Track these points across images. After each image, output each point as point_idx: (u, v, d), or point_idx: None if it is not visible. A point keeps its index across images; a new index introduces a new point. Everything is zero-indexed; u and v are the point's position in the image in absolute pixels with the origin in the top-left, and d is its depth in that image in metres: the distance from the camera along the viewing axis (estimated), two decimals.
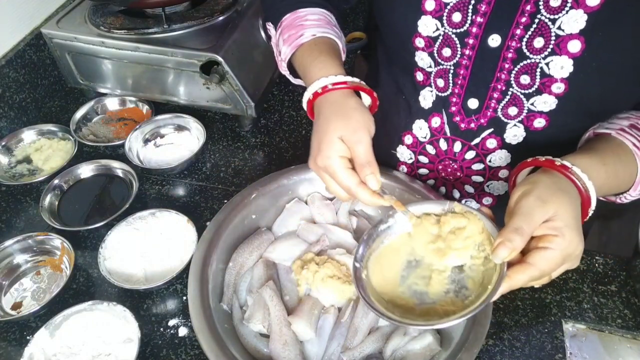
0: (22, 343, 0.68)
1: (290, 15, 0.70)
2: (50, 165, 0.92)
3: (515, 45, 0.58)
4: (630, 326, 0.68)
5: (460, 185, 0.75)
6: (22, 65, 0.98)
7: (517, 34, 0.57)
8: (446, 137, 0.71)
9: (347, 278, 0.65)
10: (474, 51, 0.61)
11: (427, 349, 0.60)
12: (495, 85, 0.62)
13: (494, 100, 0.63)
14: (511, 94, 0.61)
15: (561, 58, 0.55)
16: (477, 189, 0.74)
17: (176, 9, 1.00)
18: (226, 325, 0.62)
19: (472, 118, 0.66)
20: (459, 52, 0.62)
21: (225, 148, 0.98)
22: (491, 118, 0.65)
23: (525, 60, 0.58)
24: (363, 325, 0.61)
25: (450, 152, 0.72)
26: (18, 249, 0.77)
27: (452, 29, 0.60)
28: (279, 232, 0.75)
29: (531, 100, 0.60)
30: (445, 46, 0.62)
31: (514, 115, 0.63)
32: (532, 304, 0.71)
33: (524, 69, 0.58)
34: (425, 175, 0.78)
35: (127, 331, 0.67)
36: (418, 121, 0.73)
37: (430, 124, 0.71)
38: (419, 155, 0.76)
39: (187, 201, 0.88)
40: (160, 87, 0.99)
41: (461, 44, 0.61)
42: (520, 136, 0.65)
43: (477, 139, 0.68)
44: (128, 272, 0.75)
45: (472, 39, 0.60)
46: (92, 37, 0.95)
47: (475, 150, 0.69)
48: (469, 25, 0.59)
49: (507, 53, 0.58)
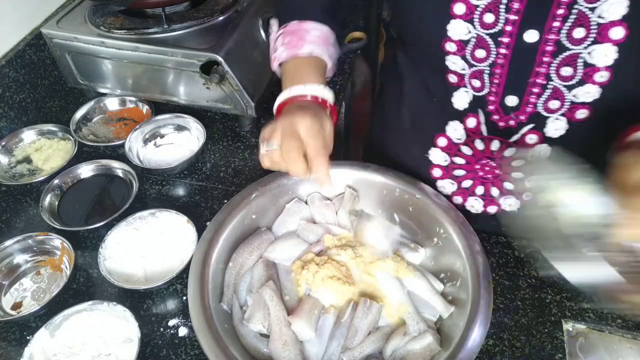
0: (22, 343, 0.68)
1: (297, 24, 0.72)
2: (50, 165, 0.92)
3: (554, 38, 0.56)
4: (630, 326, 0.68)
5: (499, 183, 0.74)
6: (22, 65, 0.98)
7: (555, 26, 0.56)
8: (482, 136, 0.70)
9: (347, 279, 0.65)
10: (510, 49, 0.59)
11: (427, 349, 0.60)
12: (535, 80, 0.60)
13: (534, 96, 0.62)
14: (552, 88, 0.60)
15: (604, 46, 0.54)
16: (517, 185, 0.73)
17: (176, 9, 1.00)
18: (226, 325, 0.62)
19: (511, 115, 0.65)
20: (493, 52, 0.60)
21: (225, 148, 0.98)
22: (531, 114, 0.64)
23: (565, 52, 0.57)
24: (363, 325, 0.61)
25: (488, 151, 0.71)
26: (18, 249, 0.77)
27: (484, 30, 0.59)
28: (279, 232, 0.75)
29: (573, 91, 0.59)
30: (479, 48, 0.61)
31: (555, 108, 0.62)
32: (532, 304, 0.71)
33: (565, 60, 0.57)
34: (462, 176, 0.77)
35: (127, 331, 0.67)
36: (452, 123, 0.72)
37: (466, 125, 0.70)
38: (454, 157, 0.75)
39: (187, 201, 0.88)
40: (160, 87, 0.99)
41: (495, 43, 0.59)
42: (562, 129, 0.64)
43: (516, 136, 0.67)
44: (128, 272, 0.75)
45: (506, 37, 0.58)
46: (92, 37, 0.95)
47: (515, 147, 0.69)
48: (503, 24, 0.58)
49: (546, 47, 0.57)
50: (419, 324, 0.62)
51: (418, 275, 0.67)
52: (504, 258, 0.76)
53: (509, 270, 0.75)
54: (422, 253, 0.72)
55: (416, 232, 0.74)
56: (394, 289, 0.65)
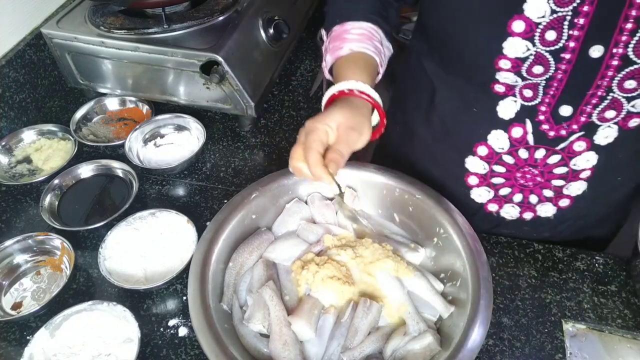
0: (22, 343, 0.68)
1: (339, 27, 0.72)
2: (50, 165, 0.92)
3: (620, 52, 0.54)
4: (630, 326, 0.68)
5: (539, 190, 0.73)
6: (22, 65, 0.98)
7: (622, 40, 0.54)
8: (528, 146, 0.68)
9: (347, 279, 0.65)
10: (571, 65, 0.57)
11: (427, 349, 0.60)
12: (595, 92, 0.59)
13: (590, 106, 0.61)
14: (611, 98, 0.59)
15: None
16: (556, 192, 0.73)
17: (176, 9, 1.00)
18: (226, 325, 0.62)
19: (563, 125, 0.64)
20: (552, 68, 0.58)
21: (225, 148, 0.98)
22: (585, 123, 0.63)
23: (631, 66, 0.55)
24: (363, 325, 0.61)
25: (531, 159, 0.69)
26: (18, 249, 0.77)
27: (545, 48, 0.57)
28: (279, 232, 0.75)
29: (632, 102, 0.59)
30: (537, 65, 0.59)
31: (610, 118, 0.61)
32: (532, 304, 0.71)
33: (630, 74, 0.56)
34: (500, 184, 0.75)
35: (127, 331, 0.67)
36: (495, 132, 0.69)
37: (511, 134, 0.68)
38: (494, 165, 0.73)
39: (187, 201, 0.88)
40: (160, 87, 0.99)
41: (555, 60, 0.58)
42: (612, 137, 0.64)
43: (564, 144, 0.66)
44: (128, 272, 0.75)
45: (569, 53, 0.56)
46: (92, 37, 0.95)
47: (560, 155, 0.67)
48: (566, 40, 0.56)
49: (612, 61, 0.55)
50: (419, 324, 0.62)
51: (418, 275, 0.67)
52: (504, 258, 0.76)
53: (509, 270, 0.75)
54: (422, 253, 0.72)
55: (416, 232, 0.74)
56: (394, 289, 0.65)
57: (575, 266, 0.75)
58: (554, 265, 0.75)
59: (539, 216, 0.77)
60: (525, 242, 0.78)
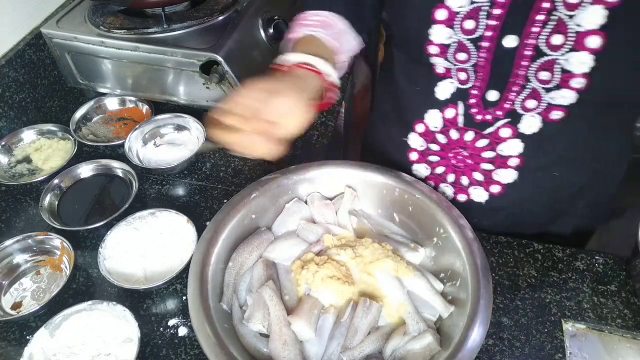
0: (22, 343, 0.68)
1: (299, 17, 0.75)
2: (50, 165, 0.92)
3: (532, 43, 0.57)
4: (630, 326, 0.68)
5: (469, 172, 0.76)
6: (22, 65, 0.98)
7: (534, 32, 0.57)
8: (458, 127, 0.72)
9: (347, 279, 0.65)
10: (491, 53, 0.61)
11: (427, 349, 0.60)
12: (515, 80, 0.62)
13: (513, 94, 0.64)
14: (531, 88, 0.62)
15: (581, 54, 0.55)
16: (486, 177, 0.75)
17: (176, 9, 1.00)
18: (226, 325, 0.62)
19: (489, 110, 0.67)
20: (474, 56, 0.62)
21: (225, 148, 0.98)
22: (509, 111, 0.66)
23: (543, 57, 0.58)
24: (363, 325, 0.61)
25: (462, 141, 0.73)
26: (18, 249, 0.77)
27: (465, 36, 0.61)
28: (279, 232, 0.75)
29: (550, 94, 0.61)
30: (460, 52, 0.63)
31: (532, 108, 0.64)
32: (532, 304, 0.71)
33: (544, 65, 0.58)
34: (436, 163, 0.80)
35: (127, 331, 0.67)
36: (431, 111, 0.74)
37: (444, 115, 0.72)
38: (430, 144, 0.78)
39: (187, 201, 0.88)
40: (160, 87, 0.99)
41: (476, 48, 0.61)
42: (536, 127, 0.66)
43: (491, 129, 0.69)
44: (128, 272, 0.75)
45: (487, 42, 0.60)
46: (92, 37, 0.95)
47: (488, 139, 0.70)
48: (483, 30, 0.59)
49: (525, 51, 0.58)
50: (419, 324, 0.62)
51: (418, 275, 0.67)
52: (504, 258, 0.76)
53: (509, 270, 0.75)
54: (422, 253, 0.72)
55: (416, 232, 0.74)
56: (394, 289, 0.65)
57: (575, 266, 0.75)
58: (554, 265, 0.75)
59: (472, 200, 0.80)
60: (525, 242, 0.78)
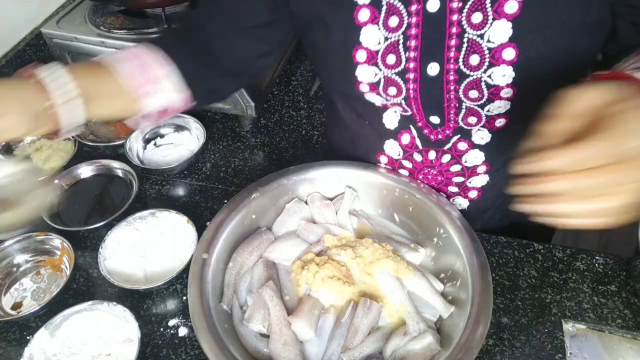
0: (22, 343, 0.68)
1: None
2: (50, 165, 0.92)
3: (453, 67, 0.59)
4: (630, 326, 0.68)
5: (444, 188, 0.77)
6: (22, 65, 0.98)
7: (452, 56, 0.58)
8: (419, 150, 0.72)
9: (347, 279, 0.65)
10: (417, 83, 0.62)
11: (427, 349, 0.60)
12: (449, 104, 0.63)
13: (452, 114, 0.65)
14: (466, 107, 0.63)
15: (500, 68, 0.57)
16: (459, 187, 0.76)
17: (176, 9, 1.00)
18: (226, 325, 0.62)
19: (439, 130, 0.68)
20: (403, 88, 0.63)
21: (225, 148, 0.99)
22: (455, 128, 0.67)
23: (467, 78, 0.59)
24: (363, 325, 0.61)
25: (427, 161, 0.73)
26: (18, 249, 0.77)
27: (390, 70, 0.62)
28: (279, 232, 0.75)
29: (486, 108, 0.62)
30: (390, 86, 0.63)
31: (474, 123, 0.65)
32: (532, 304, 0.71)
33: (470, 85, 0.60)
34: None
35: (127, 331, 0.67)
36: (388, 142, 0.74)
37: (401, 142, 0.73)
38: (399, 169, 0.77)
39: (187, 201, 0.88)
40: None
41: (403, 80, 0.62)
42: (487, 137, 0.68)
43: (448, 145, 0.70)
44: (128, 272, 0.75)
45: (412, 72, 0.61)
46: (92, 37, 0.95)
47: (449, 154, 0.71)
48: (405, 62, 0.60)
49: (449, 76, 0.60)
50: (419, 324, 0.62)
51: (418, 275, 0.67)
52: (504, 258, 0.76)
53: (509, 270, 0.75)
54: (422, 253, 0.72)
55: (416, 232, 0.74)
56: (394, 289, 0.65)
57: (575, 266, 0.75)
58: (554, 265, 0.75)
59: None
60: (525, 242, 0.78)
